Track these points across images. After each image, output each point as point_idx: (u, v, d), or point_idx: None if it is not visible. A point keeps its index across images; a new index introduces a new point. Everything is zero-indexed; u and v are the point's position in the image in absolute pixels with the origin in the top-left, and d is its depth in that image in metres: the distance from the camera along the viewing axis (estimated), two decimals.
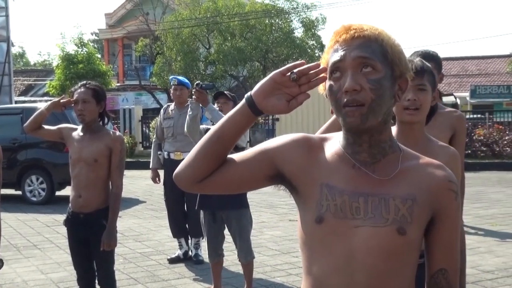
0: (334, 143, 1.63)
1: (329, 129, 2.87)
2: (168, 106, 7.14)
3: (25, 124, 4.32)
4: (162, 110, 7.19)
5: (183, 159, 6.32)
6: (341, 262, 1.52)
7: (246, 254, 5.31)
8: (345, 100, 1.51)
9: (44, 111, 4.22)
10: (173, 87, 6.92)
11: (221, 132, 1.60)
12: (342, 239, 1.52)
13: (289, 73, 1.51)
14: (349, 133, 1.58)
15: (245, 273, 5.42)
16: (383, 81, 1.52)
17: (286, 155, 1.61)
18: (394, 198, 1.53)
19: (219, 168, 1.62)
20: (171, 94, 7.08)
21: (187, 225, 6.97)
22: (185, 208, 7.02)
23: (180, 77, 7.10)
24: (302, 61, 1.54)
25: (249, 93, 1.57)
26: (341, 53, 1.53)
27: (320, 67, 1.53)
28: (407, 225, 1.51)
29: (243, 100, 1.58)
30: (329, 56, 1.57)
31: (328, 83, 1.56)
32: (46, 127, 4.31)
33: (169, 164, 6.86)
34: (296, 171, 1.61)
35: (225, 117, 1.61)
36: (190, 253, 6.92)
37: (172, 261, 6.80)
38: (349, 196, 1.54)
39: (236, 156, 1.64)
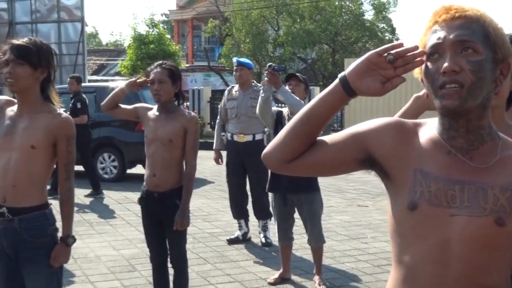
0: (429, 129, 1.57)
1: (405, 115, 2.78)
2: (233, 87, 7.14)
3: (102, 103, 4.35)
4: (226, 91, 7.20)
5: (246, 141, 6.30)
6: (435, 252, 1.46)
7: (317, 239, 5.27)
8: (443, 80, 1.44)
9: (124, 90, 4.25)
10: (234, 67, 6.94)
11: (312, 113, 1.56)
12: (436, 227, 1.47)
13: (386, 54, 1.46)
14: (445, 118, 1.51)
15: (314, 258, 5.38)
16: (484, 63, 1.44)
17: (378, 138, 1.56)
18: (493, 188, 1.46)
19: (309, 149, 1.59)
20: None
21: (250, 207, 7.04)
22: (248, 191, 7.05)
23: (242, 59, 7.10)
24: (401, 42, 1.48)
25: (343, 73, 1.53)
26: (440, 34, 1.47)
27: (419, 50, 1.47)
28: (506, 216, 1.44)
29: (336, 80, 1.54)
30: (427, 38, 1.51)
31: (424, 64, 1.50)
32: (122, 106, 4.33)
33: (232, 146, 6.88)
34: (388, 155, 1.55)
35: (316, 97, 1.58)
36: (249, 234, 6.99)
37: (231, 241, 6.85)
38: (444, 183, 1.48)
39: (326, 139, 1.61)
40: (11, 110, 3.08)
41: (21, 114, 3.03)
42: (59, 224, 3.12)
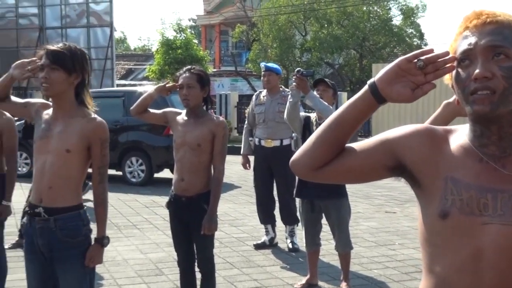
0: (460, 136, 1.54)
1: (436, 122, 2.76)
2: (260, 92, 7.17)
3: (131, 107, 4.38)
4: (254, 96, 7.24)
5: (273, 146, 6.28)
6: (467, 261, 1.43)
7: (344, 245, 5.24)
8: (474, 87, 1.41)
9: (152, 95, 4.27)
10: (262, 73, 6.96)
11: (341, 119, 1.55)
12: (468, 236, 1.43)
13: (416, 60, 1.44)
14: (477, 124, 1.48)
15: (342, 264, 5.35)
16: None
17: (408, 145, 1.54)
18: None
19: (337, 157, 1.57)
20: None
21: (277, 213, 7.03)
22: (275, 196, 7.05)
23: (270, 64, 7.14)
24: (431, 48, 1.46)
25: (372, 80, 1.51)
26: (471, 40, 1.44)
27: (449, 56, 1.45)
28: None
29: (366, 87, 1.52)
30: (458, 44, 1.48)
31: (455, 70, 1.47)
32: (151, 110, 4.35)
33: (260, 151, 6.90)
34: (419, 162, 1.53)
35: (345, 104, 1.56)
36: (276, 240, 6.98)
37: (258, 246, 6.84)
38: (476, 191, 1.45)
39: (355, 146, 1.59)
40: (47, 114, 3.15)
41: (56, 118, 3.10)
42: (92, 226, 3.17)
